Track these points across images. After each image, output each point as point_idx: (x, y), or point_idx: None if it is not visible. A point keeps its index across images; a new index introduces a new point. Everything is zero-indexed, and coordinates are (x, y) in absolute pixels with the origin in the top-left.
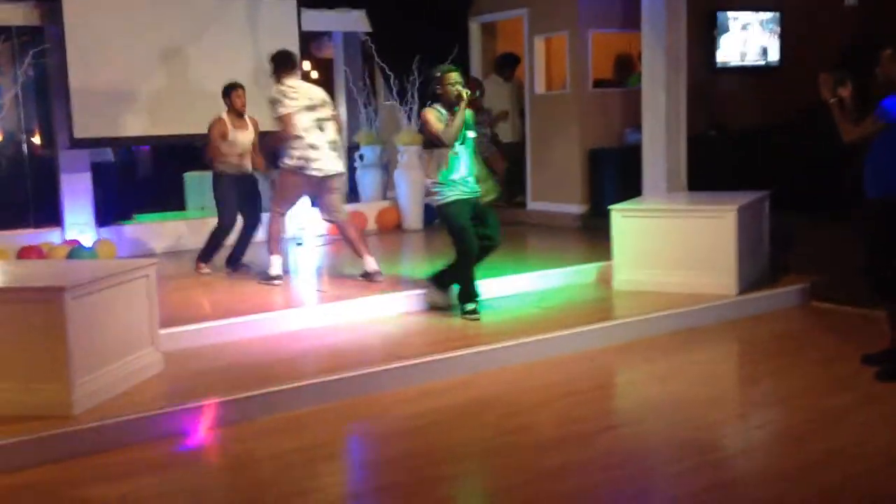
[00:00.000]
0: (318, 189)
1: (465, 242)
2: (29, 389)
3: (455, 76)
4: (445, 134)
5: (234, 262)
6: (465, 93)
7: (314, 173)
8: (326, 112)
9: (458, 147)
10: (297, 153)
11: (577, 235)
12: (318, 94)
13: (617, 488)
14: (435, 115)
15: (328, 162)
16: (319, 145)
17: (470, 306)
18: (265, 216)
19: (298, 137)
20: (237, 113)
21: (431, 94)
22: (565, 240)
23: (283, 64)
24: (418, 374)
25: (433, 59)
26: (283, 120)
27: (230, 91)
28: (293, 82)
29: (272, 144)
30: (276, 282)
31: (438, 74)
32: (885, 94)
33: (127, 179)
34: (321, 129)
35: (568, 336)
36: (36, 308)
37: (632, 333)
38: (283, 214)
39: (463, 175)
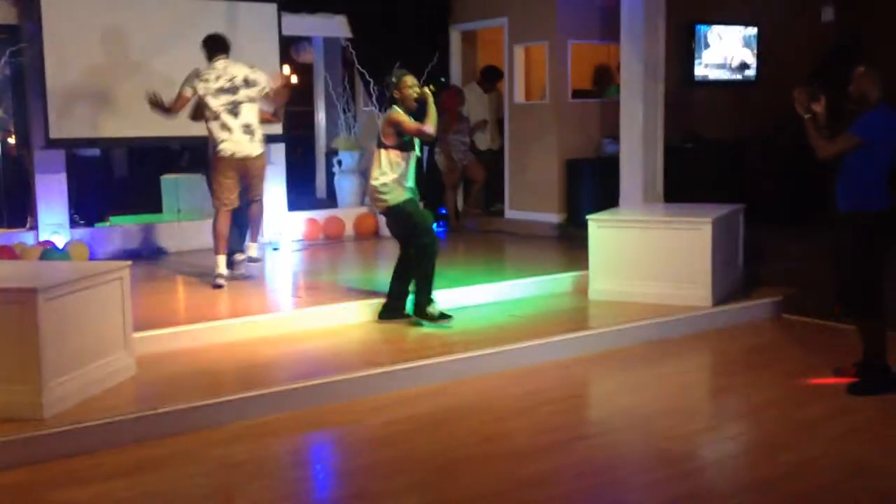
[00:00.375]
0: (239, 172)
1: (431, 236)
2: None
3: (411, 80)
4: (429, 126)
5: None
6: (427, 90)
7: (223, 154)
8: (248, 93)
9: (416, 152)
10: (212, 135)
11: (554, 244)
12: (242, 74)
13: (591, 497)
14: (404, 115)
15: (237, 144)
16: (232, 127)
17: (437, 309)
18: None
19: (214, 119)
20: None
21: (389, 99)
22: (543, 248)
23: (210, 48)
24: (393, 382)
25: (413, 66)
26: (178, 95)
27: None
28: (218, 64)
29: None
30: (219, 280)
31: (395, 79)
32: (858, 111)
33: (102, 180)
34: (235, 112)
35: (543, 345)
36: (7, 309)
37: (606, 343)
38: (226, 208)
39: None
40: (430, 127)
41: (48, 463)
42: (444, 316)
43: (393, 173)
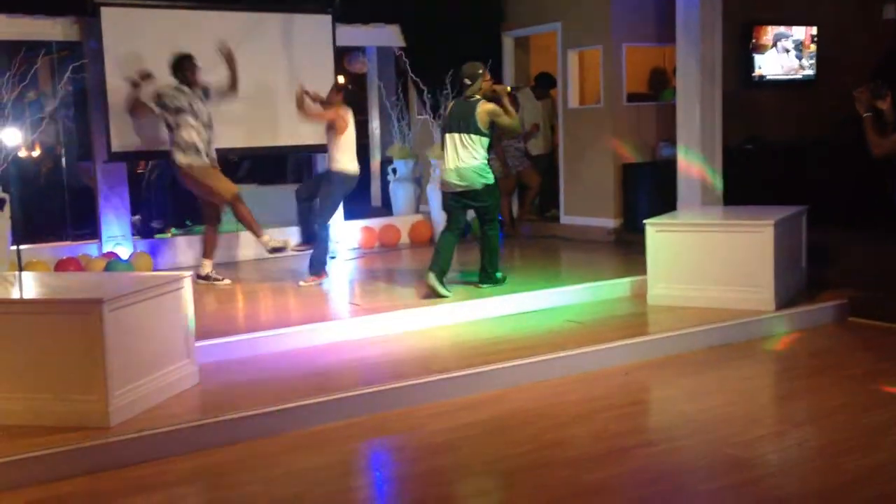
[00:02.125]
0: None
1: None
2: (66, 400)
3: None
4: (516, 121)
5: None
6: (505, 87)
7: None
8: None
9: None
10: None
11: (610, 249)
12: None
13: None
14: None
15: None
16: None
17: (500, 274)
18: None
19: None
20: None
21: (465, 89)
22: (599, 254)
23: None
24: (452, 388)
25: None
26: None
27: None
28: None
29: None
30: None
31: (479, 71)
32: None
33: (163, 193)
34: None
35: (603, 351)
36: (74, 320)
37: (667, 349)
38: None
39: None
40: (516, 122)
41: (115, 471)
42: (504, 278)
43: (485, 157)
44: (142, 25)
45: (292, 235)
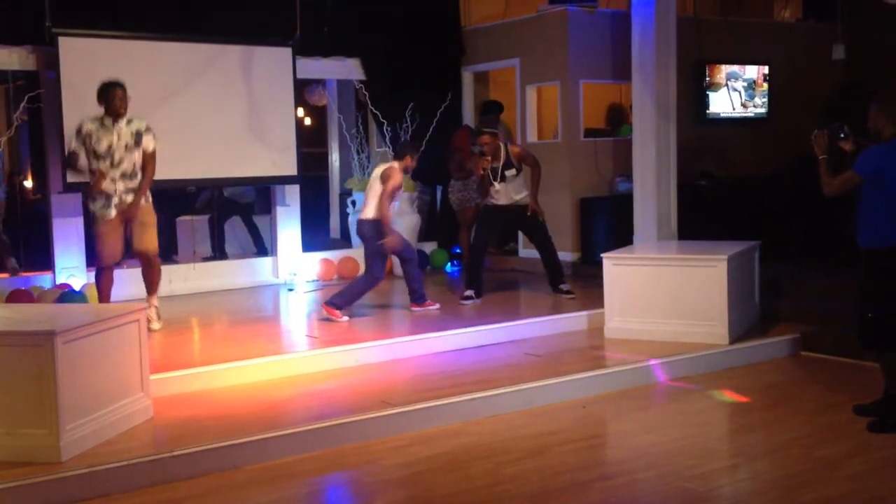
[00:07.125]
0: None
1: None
2: (16, 435)
3: None
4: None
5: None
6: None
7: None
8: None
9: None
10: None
11: (568, 283)
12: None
13: None
14: None
15: None
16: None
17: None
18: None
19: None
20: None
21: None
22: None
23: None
24: (410, 422)
25: (426, 108)
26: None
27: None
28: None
29: None
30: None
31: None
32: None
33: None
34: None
35: (560, 384)
36: (25, 352)
37: (623, 382)
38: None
39: None
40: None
41: None
42: (569, 291)
43: None
44: (100, 55)
45: None
